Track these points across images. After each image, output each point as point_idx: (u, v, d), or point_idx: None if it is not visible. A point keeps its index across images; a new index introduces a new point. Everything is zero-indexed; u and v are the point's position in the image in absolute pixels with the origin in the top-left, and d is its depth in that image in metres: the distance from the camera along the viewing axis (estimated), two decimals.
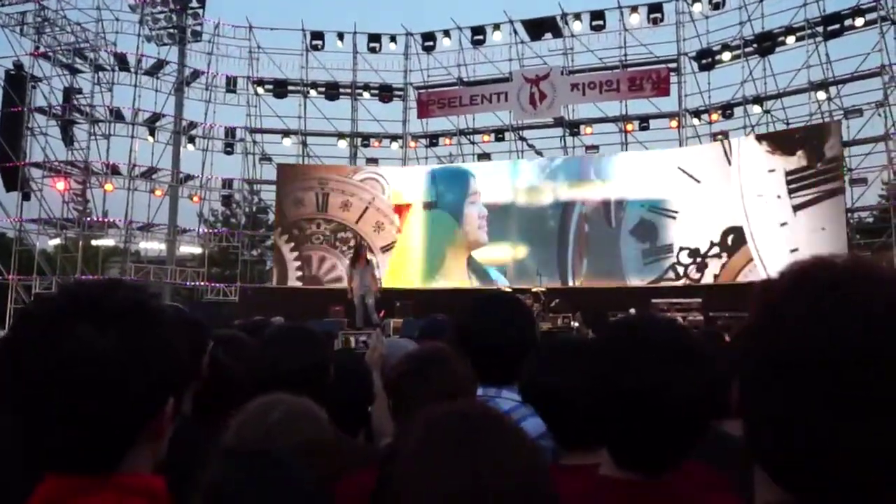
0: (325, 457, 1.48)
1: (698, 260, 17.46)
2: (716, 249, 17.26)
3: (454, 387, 1.75)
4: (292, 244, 20.39)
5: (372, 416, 2.57)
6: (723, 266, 17.09)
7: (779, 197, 16.66)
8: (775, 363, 0.78)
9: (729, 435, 1.65)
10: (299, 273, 20.24)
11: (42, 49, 20.53)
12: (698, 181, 17.53)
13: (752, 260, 16.66)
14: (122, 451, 1.01)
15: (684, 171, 17.70)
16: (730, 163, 17.34)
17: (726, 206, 17.09)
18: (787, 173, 16.60)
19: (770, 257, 16.15)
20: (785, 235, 16.29)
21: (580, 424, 1.57)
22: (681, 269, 17.63)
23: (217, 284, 22.61)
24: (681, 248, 17.64)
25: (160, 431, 1.08)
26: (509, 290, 14.49)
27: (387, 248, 19.84)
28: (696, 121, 19.63)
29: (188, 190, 22.18)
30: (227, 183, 22.87)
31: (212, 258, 24.26)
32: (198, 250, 23.64)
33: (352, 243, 19.95)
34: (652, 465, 1.28)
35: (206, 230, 23.98)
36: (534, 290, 14.72)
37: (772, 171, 16.77)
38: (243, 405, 1.57)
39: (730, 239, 17.12)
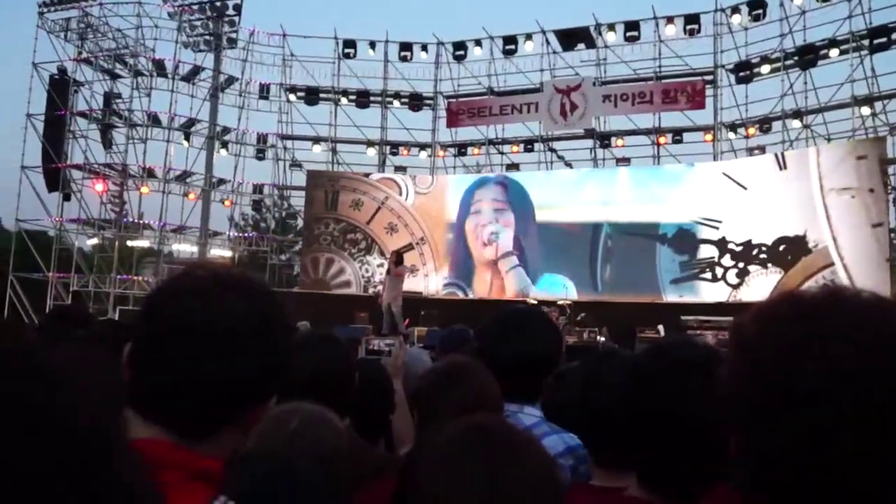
0: (343, 464, 1.49)
1: (740, 265, 16.70)
2: (762, 256, 16.37)
3: (479, 401, 1.75)
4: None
5: (392, 424, 2.57)
6: (778, 282, 15.75)
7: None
8: (754, 406, 0.78)
9: None
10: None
11: (84, 54, 21.02)
12: (745, 188, 16.84)
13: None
14: (220, 426, 1.05)
15: (730, 178, 17.10)
16: (782, 168, 16.40)
17: (778, 215, 16.10)
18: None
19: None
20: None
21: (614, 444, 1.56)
22: (720, 271, 16.98)
23: None
24: (724, 251, 16.91)
25: (251, 425, 1.12)
26: (534, 302, 14.41)
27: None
28: (732, 135, 19.28)
29: (220, 194, 22.52)
30: (258, 188, 23.13)
31: (241, 262, 24.52)
32: (228, 253, 23.93)
33: (363, 245, 19.98)
34: (678, 489, 1.27)
35: (236, 234, 24.28)
36: (559, 302, 14.62)
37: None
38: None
39: (782, 247, 16.06)
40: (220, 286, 1.09)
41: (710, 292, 16.92)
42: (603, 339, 12.97)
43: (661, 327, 13.28)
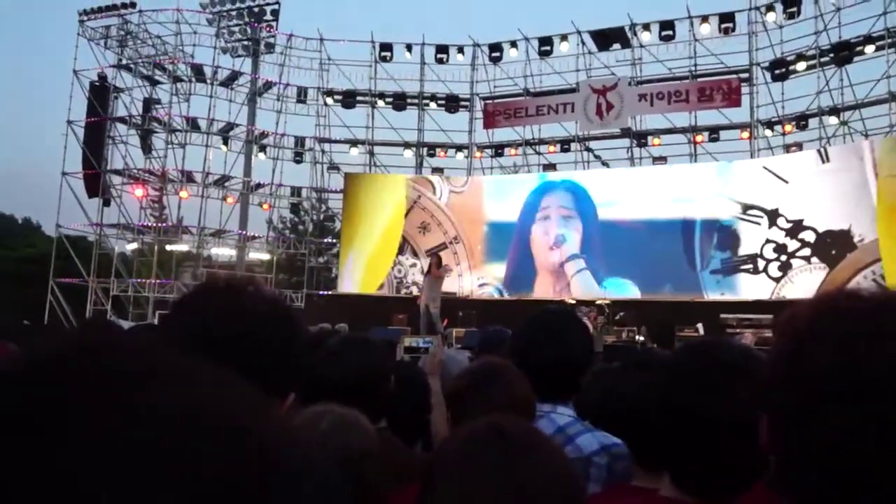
0: (373, 466, 1.50)
1: (783, 258, 16.34)
2: (806, 251, 16.00)
3: (510, 402, 1.75)
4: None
5: (431, 425, 2.58)
6: (825, 278, 15.42)
7: None
8: (797, 401, 0.77)
9: None
10: None
11: (124, 61, 21.47)
12: (786, 182, 16.52)
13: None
14: None
15: (771, 172, 16.80)
16: (825, 161, 16.04)
17: (821, 209, 15.76)
18: None
19: None
20: None
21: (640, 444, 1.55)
22: (762, 263, 16.63)
23: (284, 290, 23.11)
24: (767, 241, 16.56)
25: None
26: (573, 302, 14.33)
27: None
28: (768, 132, 19.09)
29: (258, 197, 22.81)
30: (296, 191, 23.42)
31: (279, 264, 24.80)
32: (266, 256, 24.21)
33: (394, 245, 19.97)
34: (712, 490, 1.25)
35: (274, 237, 24.55)
36: (598, 302, 14.52)
37: None
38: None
39: (828, 240, 15.67)
40: (239, 293, 1.14)
41: (751, 287, 16.63)
42: (642, 338, 12.85)
43: (700, 326, 13.12)
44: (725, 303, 15.98)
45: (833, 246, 15.76)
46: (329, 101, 22.58)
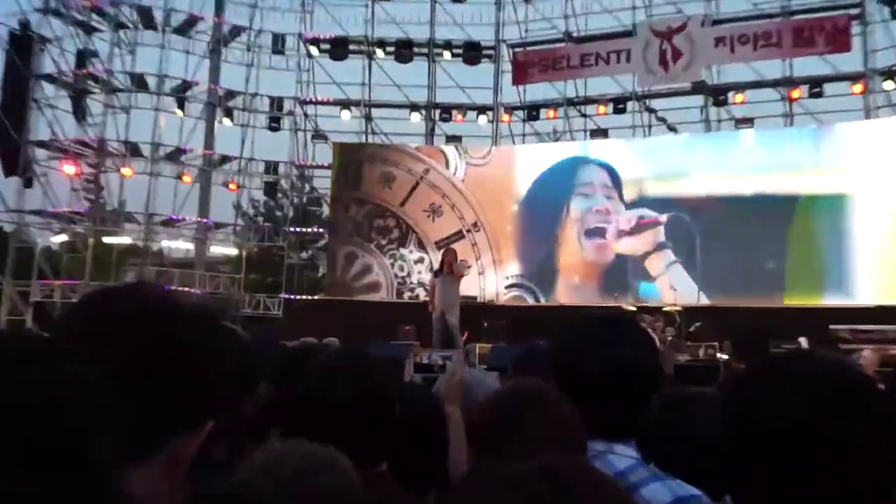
0: None
1: None
2: None
3: (555, 436, 1.74)
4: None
5: (448, 466, 2.56)
6: None
7: None
8: None
9: None
10: None
11: (53, 4, 21.54)
12: None
13: None
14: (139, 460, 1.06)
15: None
16: None
17: None
18: None
19: None
20: None
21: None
22: None
23: (257, 294, 23.20)
24: None
25: (181, 461, 1.11)
26: (633, 308, 14.27)
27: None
28: (888, 84, 18.90)
29: (223, 175, 22.98)
30: (272, 167, 23.50)
31: (251, 261, 24.89)
32: (233, 251, 24.39)
33: (395, 234, 19.87)
34: None
35: (244, 226, 24.68)
36: (665, 309, 14.44)
37: None
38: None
39: None
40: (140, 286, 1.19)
41: (869, 288, 16.36)
42: (725, 356, 12.78)
43: (802, 340, 12.98)
44: (837, 309, 15.74)
45: None
46: (314, 51, 22.65)
